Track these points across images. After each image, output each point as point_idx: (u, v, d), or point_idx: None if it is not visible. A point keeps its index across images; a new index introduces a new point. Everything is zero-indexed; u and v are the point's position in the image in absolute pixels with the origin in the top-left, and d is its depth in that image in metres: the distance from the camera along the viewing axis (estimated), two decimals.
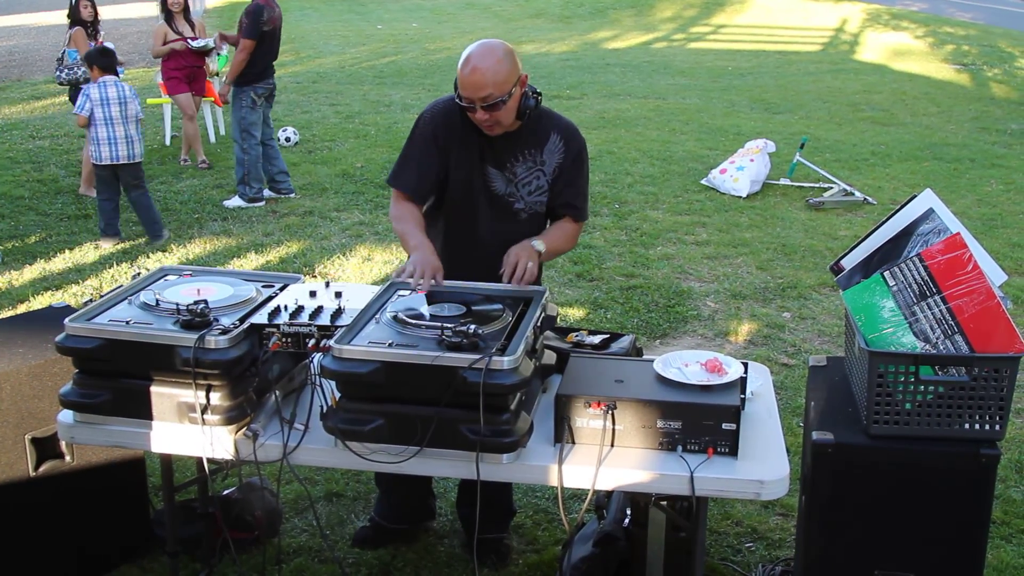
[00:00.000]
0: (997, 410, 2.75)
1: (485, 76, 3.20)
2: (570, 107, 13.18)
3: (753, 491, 2.74)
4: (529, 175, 3.45)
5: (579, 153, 3.51)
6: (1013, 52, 18.32)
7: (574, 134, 3.51)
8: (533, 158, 3.44)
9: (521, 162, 3.45)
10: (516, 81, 3.27)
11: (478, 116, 3.28)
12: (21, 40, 19.75)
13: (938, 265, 2.72)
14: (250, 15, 8.38)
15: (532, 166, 3.45)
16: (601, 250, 7.49)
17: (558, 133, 3.46)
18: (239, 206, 8.66)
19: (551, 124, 3.47)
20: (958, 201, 8.93)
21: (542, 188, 3.48)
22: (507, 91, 3.24)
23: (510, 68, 3.24)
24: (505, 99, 3.24)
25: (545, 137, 3.45)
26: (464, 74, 3.23)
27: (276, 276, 3.39)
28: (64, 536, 3.61)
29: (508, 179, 3.45)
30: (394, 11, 25.05)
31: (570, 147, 3.47)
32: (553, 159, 3.46)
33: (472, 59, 3.23)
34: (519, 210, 3.49)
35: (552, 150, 3.45)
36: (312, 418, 2.93)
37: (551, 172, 3.47)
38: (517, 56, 3.31)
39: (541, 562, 3.85)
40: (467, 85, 3.22)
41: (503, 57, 3.24)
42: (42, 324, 3.67)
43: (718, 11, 24.21)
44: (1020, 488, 4.39)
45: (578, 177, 3.52)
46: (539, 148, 3.45)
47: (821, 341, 5.95)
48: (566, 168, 3.48)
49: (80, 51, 8.84)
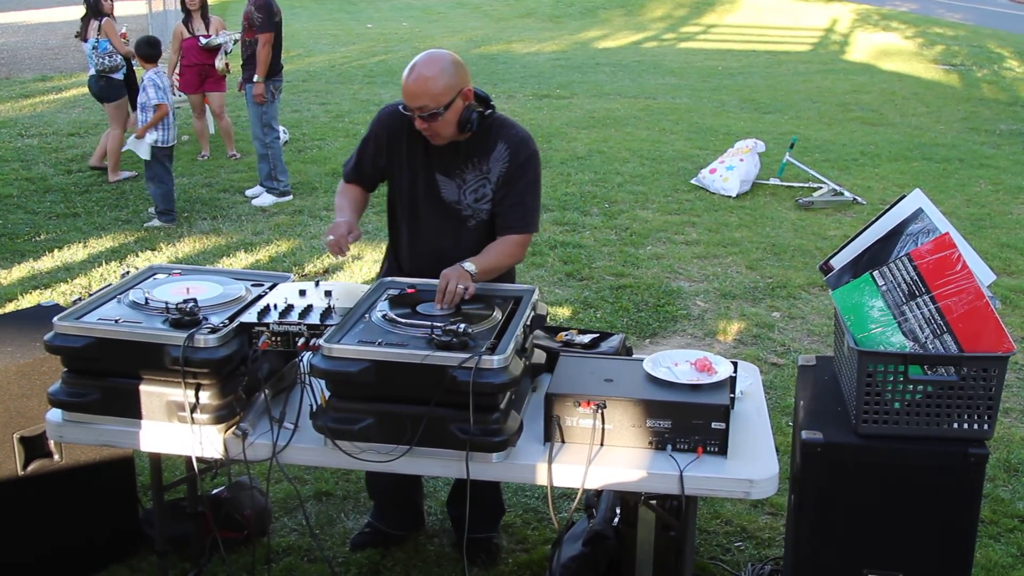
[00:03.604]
0: (985, 409, 2.76)
1: (420, 87, 3.17)
2: (560, 107, 13.19)
3: (742, 490, 2.75)
4: (476, 182, 3.42)
5: (525, 163, 3.41)
6: (1002, 53, 18.38)
7: (523, 144, 3.42)
8: (479, 167, 3.41)
9: (470, 170, 3.41)
10: (457, 94, 3.22)
11: (418, 124, 3.26)
12: (9, 38, 19.67)
13: (927, 265, 2.73)
14: (262, 9, 8.40)
15: (479, 174, 3.41)
16: (591, 249, 7.49)
17: (505, 142, 3.39)
18: (272, 203, 8.64)
19: (500, 134, 3.40)
20: (947, 201, 8.96)
21: (487, 197, 3.43)
22: (443, 104, 3.18)
23: (449, 81, 3.19)
24: (440, 112, 3.19)
25: (492, 146, 3.40)
26: (405, 82, 3.22)
27: (266, 275, 3.38)
28: (52, 535, 3.60)
29: (458, 186, 3.42)
30: (384, 10, 25.01)
31: (516, 157, 3.40)
32: (498, 168, 3.40)
33: (415, 68, 3.21)
34: (467, 217, 3.45)
35: (497, 158, 3.39)
36: (302, 417, 2.93)
37: (494, 181, 3.42)
38: (464, 69, 3.26)
39: (531, 561, 3.85)
40: (406, 93, 3.22)
41: (444, 69, 3.20)
42: (31, 323, 3.66)
43: (708, 11, 24.24)
44: (1008, 487, 4.41)
45: (521, 188, 3.42)
46: (486, 157, 3.40)
47: (810, 341, 5.97)
48: (510, 177, 3.40)
49: (113, 41, 9.19)
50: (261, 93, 8.52)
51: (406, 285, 3.25)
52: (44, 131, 11.28)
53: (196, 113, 10.23)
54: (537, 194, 3.50)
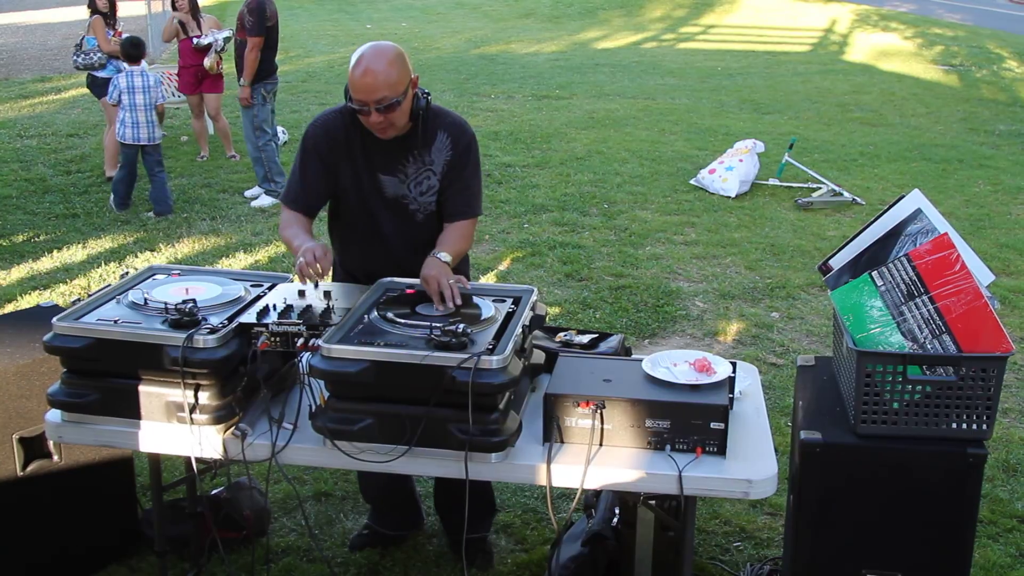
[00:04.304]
0: (984, 410, 2.76)
1: (378, 78, 3.15)
2: (559, 107, 13.20)
3: (741, 490, 2.75)
4: (419, 175, 3.42)
5: (467, 148, 3.44)
6: (1001, 53, 18.38)
7: (462, 130, 3.44)
8: (422, 159, 3.40)
9: (411, 163, 3.41)
10: (409, 82, 3.24)
11: (372, 119, 3.22)
12: (8, 39, 19.65)
13: (926, 265, 2.73)
14: (254, 12, 8.33)
15: (421, 167, 3.41)
16: (590, 250, 7.49)
17: (444, 131, 3.41)
18: (271, 204, 8.63)
19: (438, 123, 3.41)
20: (946, 201, 8.96)
21: (433, 188, 3.44)
22: (400, 92, 3.19)
23: (402, 69, 3.21)
24: (400, 100, 3.19)
25: (432, 137, 3.40)
26: (356, 77, 3.18)
27: (265, 275, 3.38)
28: (52, 536, 3.60)
29: (400, 181, 3.42)
30: (384, 11, 25.02)
31: (458, 144, 3.42)
32: (442, 157, 3.42)
33: (364, 61, 3.18)
34: (414, 211, 3.46)
35: (440, 148, 3.41)
36: (301, 417, 2.93)
37: (440, 171, 3.43)
38: (407, 58, 3.28)
39: (530, 561, 3.85)
40: (360, 88, 3.18)
41: (395, 59, 3.20)
42: (30, 323, 3.65)
43: (707, 11, 24.24)
44: (1007, 487, 4.41)
45: (467, 174, 3.46)
46: (427, 148, 3.40)
47: (809, 341, 5.97)
48: (455, 165, 3.43)
49: (98, 38, 9.31)
50: (247, 97, 8.51)
51: (405, 286, 3.25)
52: (43, 132, 11.28)
53: (194, 114, 10.25)
54: (479, 177, 3.54)
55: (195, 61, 9.74)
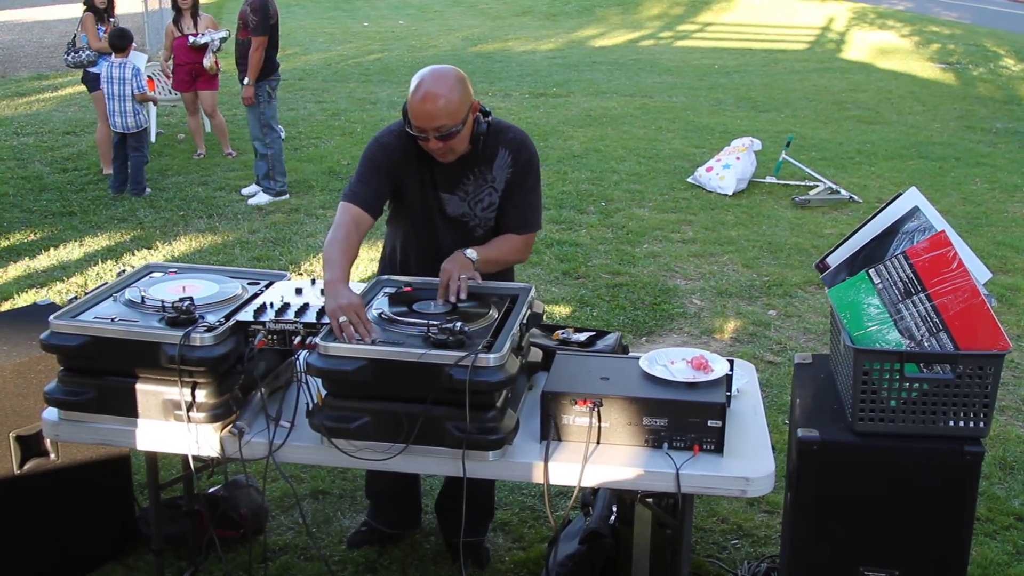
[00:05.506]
0: (981, 407, 2.77)
1: (438, 105, 3.09)
2: (556, 105, 13.19)
3: (739, 488, 2.75)
4: (480, 193, 3.39)
5: (528, 164, 3.40)
6: (998, 51, 18.40)
7: (523, 145, 3.40)
8: (483, 175, 3.37)
9: (472, 181, 3.37)
10: (469, 108, 3.18)
11: (431, 145, 3.18)
12: (5, 36, 19.62)
13: (923, 263, 2.73)
14: (257, 11, 8.32)
15: (483, 184, 3.37)
16: (587, 248, 7.49)
17: (505, 147, 3.36)
18: (268, 202, 8.63)
19: (499, 139, 3.36)
20: (943, 199, 8.97)
21: (493, 204, 3.41)
22: (460, 120, 3.14)
23: (462, 96, 3.15)
24: (459, 128, 3.15)
25: (494, 154, 3.36)
26: (415, 103, 3.11)
27: (262, 273, 3.38)
28: (49, 534, 3.60)
29: (461, 199, 3.39)
30: (381, 8, 25.00)
31: (518, 159, 3.38)
32: (503, 174, 3.38)
33: (424, 86, 3.11)
34: (474, 227, 3.44)
35: (501, 165, 3.37)
36: (298, 416, 2.92)
37: (500, 188, 3.39)
38: (468, 81, 3.22)
39: (527, 559, 3.85)
40: (419, 115, 3.12)
41: (455, 85, 3.14)
42: (27, 321, 3.65)
43: (705, 9, 24.25)
44: (1004, 485, 4.42)
45: (528, 190, 3.42)
46: (488, 165, 3.36)
47: (807, 339, 5.97)
48: (516, 182, 3.39)
49: (88, 36, 9.34)
50: (250, 96, 8.50)
51: (403, 283, 3.25)
52: (40, 130, 11.27)
53: (189, 111, 10.24)
54: (539, 193, 3.50)
55: (189, 59, 9.73)
